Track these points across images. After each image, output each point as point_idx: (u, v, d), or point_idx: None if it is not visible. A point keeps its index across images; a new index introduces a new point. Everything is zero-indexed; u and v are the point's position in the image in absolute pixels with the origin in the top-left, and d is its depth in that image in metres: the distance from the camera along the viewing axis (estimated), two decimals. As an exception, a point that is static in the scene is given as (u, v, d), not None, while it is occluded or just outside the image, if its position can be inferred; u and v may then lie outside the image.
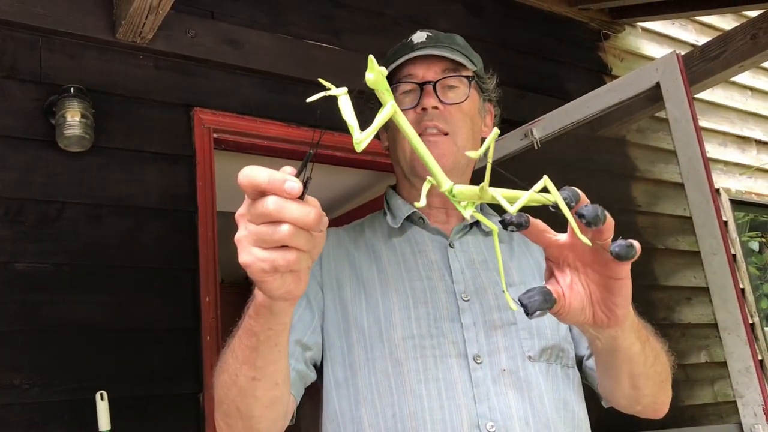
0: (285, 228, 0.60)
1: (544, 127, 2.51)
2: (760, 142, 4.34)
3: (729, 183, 4.02)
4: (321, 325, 1.13)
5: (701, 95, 3.70)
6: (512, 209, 0.66)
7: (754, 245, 4.20)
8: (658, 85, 2.18)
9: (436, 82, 1.17)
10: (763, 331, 3.77)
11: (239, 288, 4.22)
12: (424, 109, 1.16)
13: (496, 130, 0.70)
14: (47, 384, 1.84)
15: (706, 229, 2.03)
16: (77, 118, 1.96)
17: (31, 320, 1.87)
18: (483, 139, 1.26)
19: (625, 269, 0.74)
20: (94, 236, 2.01)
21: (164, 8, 2.03)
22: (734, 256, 3.75)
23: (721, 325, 1.98)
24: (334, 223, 1.38)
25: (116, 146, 2.12)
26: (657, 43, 3.90)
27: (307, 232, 0.62)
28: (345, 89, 0.61)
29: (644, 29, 3.84)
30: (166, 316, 2.05)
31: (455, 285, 1.11)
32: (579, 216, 0.68)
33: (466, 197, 0.66)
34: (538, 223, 0.73)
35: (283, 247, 0.61)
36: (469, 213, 0.68)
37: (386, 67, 1.21)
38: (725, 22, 4.19)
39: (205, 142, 2.28)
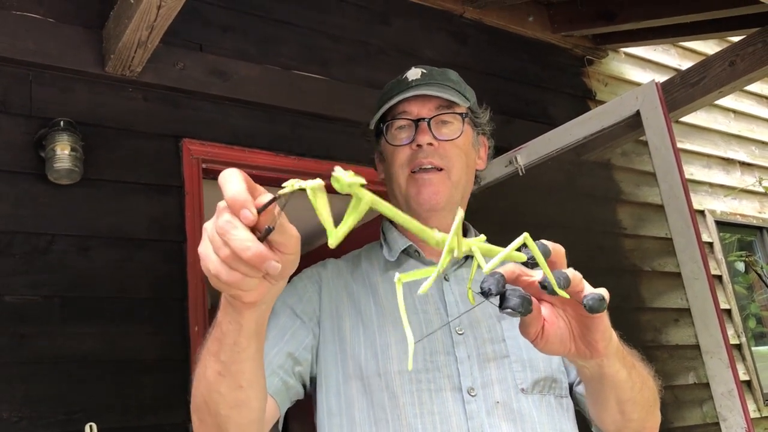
0: (226, 252, 0.61)
1: (528, 153, 2.55)
2: (744, 164, 4.41)
3: (714, 204, 4.07)
4: (315, 347, 1.14)
5: (685, 118, 3.76)
6: (487, 268, 0.69)
7: (741, 266, 4.24)
8: (638, 113, 2.23)
9: (430, 119, 1.20)
10: (750, 350, 3.80)
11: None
12: (419, 145, 1.19)
13: (525, 235, 0.73)
14: (36, 417, 1.85)
15: (687, 253, 2.07)
16: (67, 152, 1.99)
17: (20, 352, 1.88)
18: (476, 172, 1.29)
19: None
20: (83, 268, 2.03)
21: (153, 42, 2.07)
22: (720, 276, 3.79)
23: (704, 348, 2.01)
24: (320, 251, 1.41)
25: (105, 178, 2.15)
26: (640, 68, 3.97)
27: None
28: (320, 182, 0.61)
29: (627, 54, 3.91)
30: (155, 346, 2.06)
31: (450, 318, 1.14)
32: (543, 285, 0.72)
33: (453, 247, 0.69)
34: (513, 268, 0.75)
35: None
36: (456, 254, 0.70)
37: (381, 104, 1.24)
38: (707, 46, 4.26)
39: (193, 172, 2.30)
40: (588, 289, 0.74)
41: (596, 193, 3.45)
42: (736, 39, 3.01)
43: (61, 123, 2.03)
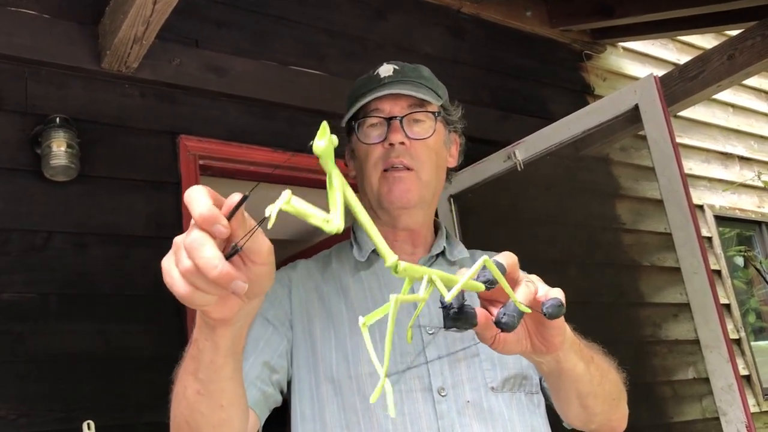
0: (187, 263, 0.59)
1: (526, 148, 2.54)
2: (742, 158, 4.40)
3: (713, 199, 4.06)
4: (290, 351, 1.14)
5: (683, 113, 3.75)
6: (449, 296, 0.67)
7: (740, 260, 4.24)
8: (636, 107, 2.22)
9: (403, 117, 1.19)
10: (749, 345, 3.80)
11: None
12: (391, 144, 1.18)
13: (484, 258, 0.72)
14: (34, 414, 1.84)
15: (687, 248, 2.06)
16: (63, 148, 1.98)
17: (17, 350, 1.87)
18: (448, 170, 1.29)
19: None
20: (80, 265, 2.02)
21: (149, 38, 2.06)
22: (719, 271, 3.78)
23: (703, 342, 2.01)
24: (324, 245, 1.40)
25: (102, 175, 2.14)
26: (639, 62, 3.96)
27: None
28: (288, 192, 0.58)
29: (626, 49, 3.90)
30: (152, 343, 2.05)
31: (420, 318, 1.13)
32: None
33: (409, 274, 0.66)
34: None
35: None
36: (422, 289, 0.68)
37: (352, 101, 1.23)
38: (705, 41, 4.26)
39: (190, 168, 2.29)
40: (543, 291, 0.76)
41: (595, 188, 3.45)
42: (734, 33, 3.00)
43: (57, 120, 2.02)
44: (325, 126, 0.58)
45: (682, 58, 4.03)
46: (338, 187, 0.60)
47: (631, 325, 3.25)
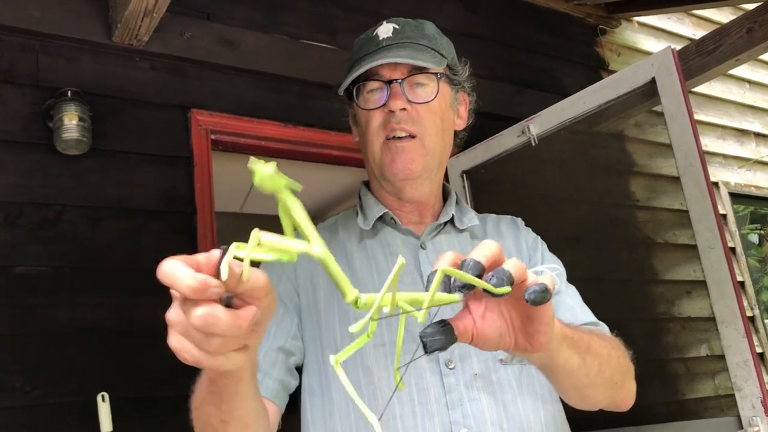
0: (217, 341, 0.57)
1: (541, 123, 2.51)
2: (758, 135, 4.35)
3: (728, 176, 4.02)
4: (300, 324, 1.12)
5: (699, 89, 3.70)
6: (420, 316, 0.64)
7: (754, 238, 4.20)
8: (653, 80, 2.19)
9: (403, 80, 1.13)
10: (763, 323, 3.78)
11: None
12: (391, 111, 1.13)
13: (440, 270, 0.64)
14: (49, 386, 1.85)
15: (703, 223, 2.04)
16: (75, 122, 1.97)
17: (31, 323, 1.88)
18: (456, 133, 1.23)
19: None
20: (93, 239, 2.02)
21: (159, 11, 2.04)
22: (733, 249, 3.76)
23: (719, 318, 1.99)
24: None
25: (114, 149, 2.13)
26: (654, 38, 3.90)
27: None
28: (255, 232, 0.56)
29: (641, 24, 3.84)
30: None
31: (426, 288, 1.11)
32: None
33: (371, 305, 0.63)
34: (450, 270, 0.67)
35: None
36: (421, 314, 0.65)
37: (351, 66, 1.17)
38: (722, 15, 4.19)
39: (202, 143, 2.28)
40: (531, 279, 0.68)
41: (609, 164, 3.41)
42: (750, 6, 2.95)
43: (69, 93, 2.01)
44: (254, 161, 0.54)
45: (698, 33, 3.96)
46: (298, 211, 0.58)
47: (645, 302, 3.23)
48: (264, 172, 0.54)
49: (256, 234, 0.56)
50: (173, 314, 0.57)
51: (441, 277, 0.64)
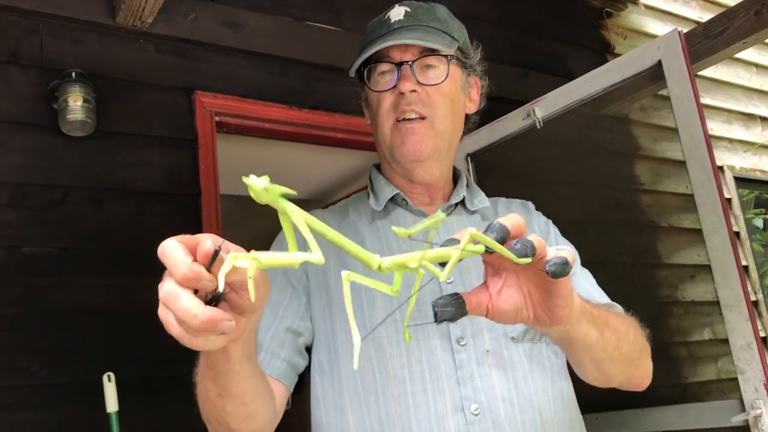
0: (171, 317, 0.59)
1: (546, 106, 2.50)
2: (764, 119, 4.32)
3: (733, 160, 4.01)
4: (308, 305, 1.13)
5: (705, 72, 3.68)
6: (443, 275, 0.65)
7: (759, 222, 4.19)
8: (659, 63, 2.17)
9: (413, 62, 1.13)
10: (767, 307, 3.78)
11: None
12: (402, 93, 1.13)
13: (470, 231, 0.65)
14: (55, 366, 1.87)
15: (708, 206, 2.03)
16: (79, 103, 1.97)
17: (37, 303, 1.89)
18: (467, 117, 1.24)
19: None
20: (98, 220, 2.03)
21: (164, -8, 2.03)
22: (738, 233, 3.75)
23: (723, 302, 1.99)
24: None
25: (118, 130, 2.13)
26: (660, 20, 3.88)
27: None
28: (253, 254, 0.58)
29: (647, 6, 3.82)
30: (171, 298, 2.06)
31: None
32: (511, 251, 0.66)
33: (397, 267, 0.64)
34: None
35: None
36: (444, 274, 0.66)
37: (362, 48, 1.17)
38: (729, -3, 4.15)
39: (206, 125, 2.28)
40: (551, 254, 0.68)
41: (614, 147, 3.40)
42: (759, -11, 2.91)
43: (73, 74, 2.01)
44: (246, 178, 0.56)
45: (705, 16, 3.94)
46: (297, 218, 0.60)
47: (649, 286, 3.23)
48: (258, 185, 0.55)
49: (253, 255, 0.58)
50: (164, 287, 0.59)
51: (469, 238, 0.65)
